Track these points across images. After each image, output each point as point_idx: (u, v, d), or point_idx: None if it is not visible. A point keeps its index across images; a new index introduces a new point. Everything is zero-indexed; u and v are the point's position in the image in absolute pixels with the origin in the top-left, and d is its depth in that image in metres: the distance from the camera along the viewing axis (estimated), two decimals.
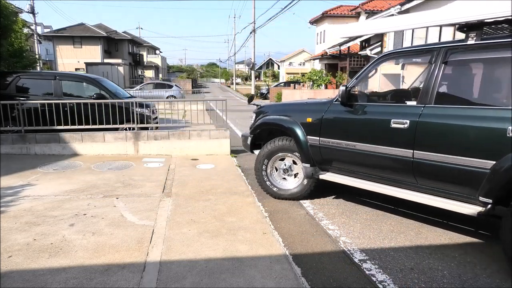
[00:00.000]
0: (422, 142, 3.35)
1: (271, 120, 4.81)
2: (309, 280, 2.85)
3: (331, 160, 4.25)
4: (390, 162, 3.62)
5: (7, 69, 11.06)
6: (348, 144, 3.96)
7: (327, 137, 4.16)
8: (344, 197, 4.93)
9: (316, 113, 4.31)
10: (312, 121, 4.31)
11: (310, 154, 4.34)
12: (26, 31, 17.34)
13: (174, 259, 3.02)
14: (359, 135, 3.87)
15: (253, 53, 36.40)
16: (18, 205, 4.19)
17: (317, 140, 4.25)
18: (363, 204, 4.66)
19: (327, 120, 4.18)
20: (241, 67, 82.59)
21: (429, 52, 3.55)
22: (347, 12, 28.47)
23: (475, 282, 2.87)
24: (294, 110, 4.72)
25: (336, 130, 4.11)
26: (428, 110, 3.38)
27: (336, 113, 4.13)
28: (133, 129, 7.27)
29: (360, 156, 3.88)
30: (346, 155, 4.01)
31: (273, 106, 5.28)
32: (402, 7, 16.60)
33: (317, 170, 4.39)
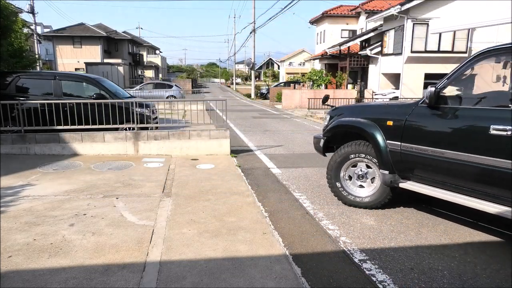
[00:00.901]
0: None
1: (347, 122, 4.53)
2: (309, 280, 2.85)
3: (414, 168, 3.89)
4: (486, 173, 3.23)
5: (7, 69, 11.06)
6: (435, 151, 3.58)
7: (410, 142, 3.81)
8: None
9: (398, 116, 3.97)
10: (393, 125, 3.98)
11: (389, 160, 4.01)
12: (26, 31, 17.33)
13: (174, 259, 3.02)
14: (449, 142, 3.48)
15: (253, 53, 36.42)
16: (18, 205, 4.18)
17: (398, 146, 3.90)
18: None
19: (411, 124, 3.82)
20: (241, 67, 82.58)
21: None
22: (347, 12, 28.47)
23: (475, 282, 2.87)
24: (373, 112, 4.41)
25: (421, 135, 3.74)
26: None
27: (422, 116, 3.76)
28: (133, 129, 7.27)
29: (449, 165, 3.49)
30: (432, 163, 3.64)
31: (349, 108, 5.06)
32: (402, 7, 16.60)
33: (397, 178, 4.04)
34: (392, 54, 18.64)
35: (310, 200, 4.80)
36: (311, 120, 15.33)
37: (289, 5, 58.96)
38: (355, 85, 23.82)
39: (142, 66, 46.83)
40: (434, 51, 17.21)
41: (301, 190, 5.22)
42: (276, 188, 5.36)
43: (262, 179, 5.85)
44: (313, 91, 20.64)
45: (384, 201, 4.33)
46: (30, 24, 23.85)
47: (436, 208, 4.45)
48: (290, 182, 5.66)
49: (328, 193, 5.08)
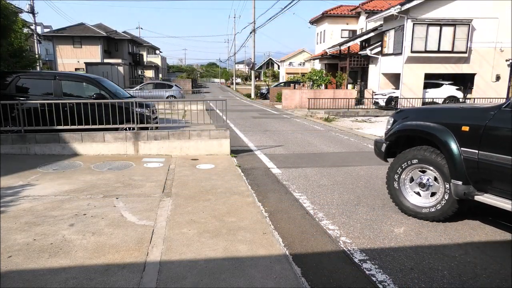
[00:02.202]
0: None
1: (414, 127, 4.19)
2: (309, 280, 2.85)
3: (493, 179, 3.52)
4: None
5: (7, 69, 11.06)
6: None
7: (490, 150, 3.45)
8: (344, 195, 4.93)
9: (476, 120, 3.62)
10: (470, 130, 3.62)
11: (463, 170, 3.65)
12: (26, 31, 17.33)
13: (174, 259, 3.02)
14: None
15: (253, 53, 36.41)
16: (18, 205, 4.18)
17: (475, 154, 3.55)
18: (362, 205, 4.66)
19: (492, 130, 3.46)
20: (241, 67, 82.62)
21: None
22: (347, 12, 28.47)
23: (475, 282, 2.87)
24: (444, 116, 4.06)
25: (505, 143, 3.35)
26: None
27: (506, 122, 3.39)
28: (133, 129, 7.27)
29: None
30: None
31: (416, 111, 4.76)
32: (402, 7, 16.60)
33: (472, 189, 3.67)
34: (392, 54, 18.64)
35: (310, 200, 4.80)
36: (311, 120, 15.33)
37: (289, 5, 59.08)
38: (355, 85, 23.82)
39: (142, 66, 46.82)
40: (434, 51, 17.20)
41: (301, 190, 5.22)
42: (276, 188, 5.36)
43: (262, 179, 5.85)
44: (313, 91, 20.64)
45: (448, 215, 3.95)
46: (30, 24, 23.85)
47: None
48: (290, 182, 5.66)
49: (328, 193, 5.08)
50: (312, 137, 10.39)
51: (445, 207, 3.90)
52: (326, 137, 10.44)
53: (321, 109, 18.26)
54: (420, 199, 4.19)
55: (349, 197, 4.91)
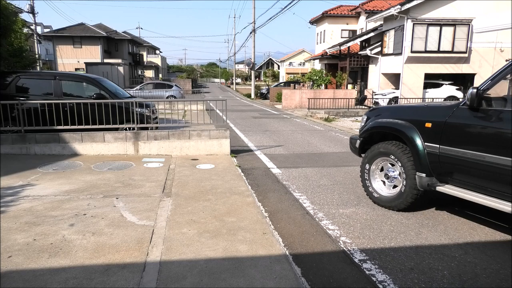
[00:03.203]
0: None
1: (384, 124, 4.52)
2: (309, 280, 2.85)
3: (453, 171, 3.80)
4: None
5: (7, 69, 11.06)
6: (475, 155, 3.48)
7: (449, 145, 3.73)
8: (344, 195, 4.93)
9: (437, 117, 3.91)
10: (432, 126, 3.92)
11: (427, 163, 3.95)
12: (26, 31, 17.33)
13: (174, 259, 3.02)
14: (491, 145, 3.38)
15: (253, 53, 36.40)
16: (18, 205, 4.18)
17: (437, 148, 3.84)
18: (362, 205, 4.66)
19: (451, 126, 3.73)
20: (241, 67, 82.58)
21: None
22: (347, 12, 28.47)
23: (475, 282, 2.87)
24: (411, 113, 4.35)
25: (462, 138, 3.63)
26: None
27: (462, 118, 3.66)
28: (133, 129, 7.27)
29: (490, 170, 3.38)
30: (473, 166, 3.54)
31: (387, 109, 5.08)
32: (402, 7, 16.59)
33: (434, 181, 3.95)
34: (392, 54, 18.64)
35: (310, 200, 4.80)
36: (311, 120, 15.33)
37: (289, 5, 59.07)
38: (355, 85, 23.81)
39: (142, 66, 46.82)
40: (434, 51, 17.20)
41: (301, 190, 5.22)
42: (276, 188, 5.36)
43: (262, 179, 5.85)
44: (313, 91, 20.64)
45: (407, 205, 4.23)
46: (30, 24, 23.86)
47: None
48: (290, 182, 5.66)
49: (328, 193, 5.08)
50: (312, 137, 10.39)
51: (403, 197, 4.23)
52: (326, 137, 10.44)
53: (321, 109, 18.25)
54: (385, 189, 4.56)
55: (349, 197, 4.91)
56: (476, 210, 4.32)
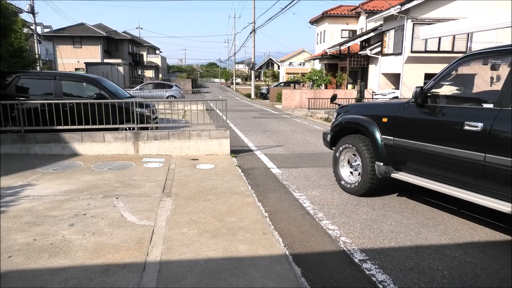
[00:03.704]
0: (494, 145, 3.25)
1: (350, 119, 5.03)
2: (309, 280, 2.85)
3: (405, 160, 4.28)
4: (461, 165, 3.56)
5: (7, 69, 11.06)
6: (421, 145, 3.96)
7: (401, 137, 4.23)
8: (344, 195, 4.93)
9: (391, 113, 4.42)
10: (387, 121, 4.41)
11: (384, 153, 4.45)
12: (26, 31, 17.33)
13: (174, 259, 3.02)
14: (432, 136, 3.87)
15: (253, 53, 36.40)
16: (18, 205, 4.18)
17: (391, 140, 4.34)
18: (362, 205, 4.66)
19: (402, 120, 4.25)
20: (241, 67, 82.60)
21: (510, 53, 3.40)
22: (347, 12, 28.47)
23: (475, 282, 2.87)
24: (372, 110, 4.89)
25: (410, 130, 4.15)
26: (505, 114, 3.23)
27: (410, 113, 4.18)
28: (133, 129, 7.27)
29: (432, 158, 3.85)
30: (419, 155, 4.02)
31: (354, 106, 5.60)
32: (402, 7, 16.59)
33: (390, 169, 4.46)
34: (392, 54, 18.64)
35: (310, 200, 4.80)
36: (311, 120, 15.33)
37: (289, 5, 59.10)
38: (355, 85, 23.81)
39: (142, 66, 46.83)
40: (434, 51, 17.20)
41: (301, 190, 5.22)
42: (276, 188, 5.36)
43: (262, 179, 5.85)
44: (313, 91, 20.64)
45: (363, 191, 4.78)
46: (30, 24, 23.85)
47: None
48: (290, 182, 5.66)
49: (328, 193, 5.08)
50: (312, 137, 10.39)
51: (362, 184, 4.76)
52: None
53: (321, 109, 18.26)
54: (349, 177, 5.12)
55: (349, 197, 4.91)
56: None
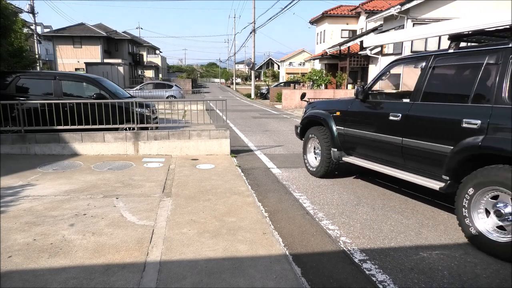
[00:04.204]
0: (408, 131, 4.20)
1: (313, 114, 5.98)
2: (309, 280, 2.85)
3: (352, 146, 5.20)
4: (387, 147, 4.51)
5: (7, 69, 11.05)
6: (361, 133, 4.91)
7: (349, 127, 5.18)
8: (344, 195, 4.94)
9: (343, 107, 5.36)
10: (340, 114, 5.36)
11: (338, 141, 5.38)
12: (26, 31, 17.33)
13: (174, 259, 3.02)
14: (369, 126, 4.81)
15: (253, 53, 36.40)
16: (18, 205, 4.18)
17: (343, 130, 5.28)
18: (362, 205, 4.66)
19: (349, 113, 5.19)
20: (241, 67, 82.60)
21: (423, 59, 4.29)
22: (347, 12, 28.47)
23: (475, 282, 2.87)
24: (330, 105, 5.82)
25: (355, 121, 5.10)
26: (415, 106, 4.18)
27: (355, 108, 5.12)
28: (133, 129, 7.27)
29: (370, 143, 4.81)
30: (361, 141, 4.98)
31: (319, 102, 6.42)
32: (402, 7, 16.59)
33: (343, 154, 5.37)
34: (392, 54, 18.64)
35: (310, 200, 4.80)
36: None
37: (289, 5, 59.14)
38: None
39: (142, 66, 46.83)
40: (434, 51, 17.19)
41: (301, 190, 5.22)
42: (276, 188, 5.36)
43: (262, 179, 5.85)
44: (313, 91, 20.62)
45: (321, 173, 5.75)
46: (30, 24, 23.85)
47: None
48: (290, 182, 5.66)
49: (328, 193, 5.08)
50: None
51: (322, 167, 5.71)
52: None
53: None
54: (313, 162, 6.03)
55: (349, 197, 4.91)
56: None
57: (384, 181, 5.59)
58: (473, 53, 3.78)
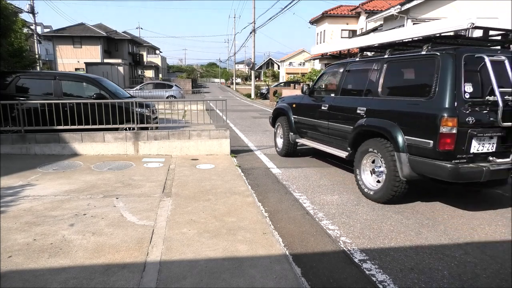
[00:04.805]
0: (331, 117, 5.80)
1: (279, 106, 7.62)
2: (309, 280, 2.85)
3: (303, 130, 6.79)
4: (321, 130, 6.11)
5: (7, 69, 11.05)
6: (306, 120, 6.57)
7: (300, 115, 6.78)
8: (344, 195, 4.94)
9: (297, 101, 7.00)
10: (295, 106, 6.98)
11: (294, 126, 6.97)
12: (26, 31, 17.33)
13: (174, 259, 3.02)
14: (311, 114, 6.38)
15: (253, 53, 36.40)
16: (18, 205, 4.18)
17: (297, 118, 6.89)
18: (362, 205, 4.66)
19: (301, 105, 6.81)
20: (241, 67, 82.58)
21: (342, 64, 6.02)
22: (347, 12, 28.47)
23: (475, 282, 2.87)
24: (291, 99, 7.42)
25: (303, 111, 6.69)
26: (336, 99, 5.84)
27: (304, 101, 6.72)
28: (133, 129, 7.27)
29: (312, 127, 6.40)
30: (307, 126, 6.59)
31: (285, 97, 8.05)
32: (402, 7, 16.58)
33: (297, 137, 6.98)
34: None
35: (310, 200, 4.80)
36: None
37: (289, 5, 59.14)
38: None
39: (142, 66, 46.82)
40: None
41: (301, 190, 5.22)
42: (276, 188, 5.36)
43: (262, 179, 5.85)
44: None
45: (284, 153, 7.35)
46: (30, 24, 23.85)
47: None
48: (290, 182, 5.66)
49: (328, 193, 5.08)
50: None
51: (283, 148, 7.33)
52: None
53: None
54: (280, 144, 7.55)
55: (349, 197, 4.92)
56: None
57: None
58: (367, 61, 5.37)
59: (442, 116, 3.81)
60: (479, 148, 3.97)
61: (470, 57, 3.99)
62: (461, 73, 3.90)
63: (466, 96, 3.87)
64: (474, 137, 3.88)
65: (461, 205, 4.59)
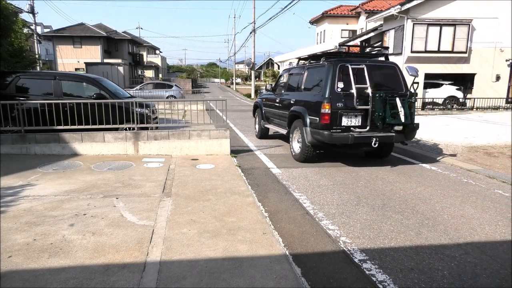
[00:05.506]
0: (281, 106, 8.10)
1: (256, 101, 10.14)
2: (309, 280, 2.85)
3: (270, 118, 9.02)
4: (276, 116, 8.41)
5: (7, 69, 11.05)
6: (270, 110, 8.90)
7: (267, 107, 9.15)
8: (344, 195, 4.94)
9: (267, 96, 9.33)
10: (265, 100, 9.38)
11: (264, 115, 9.33)
12: (26, 31, 17.33)
13: (174, 259, 3.02)
14: (274, 105, 8.56)
15: (253, 53, 36.39)
16: (18, 205, 4.18)
17: (265, 109, 9.23)
18: (362, 205, 4.66)
19: (268, 99, 9.12)
20: (241, 67, 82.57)
21: (289, 69, 8.52)
22: (347, 12, 28.48)
23: (475, 282, 2.87)
24: (264, 95, 9.72)
25: (269, 104, 9.01)
26: (284, 95, 8.04)
27: (270, 96, 9.01)
28: (133, 129, 7.27)
29: (274, 115, 8.59)
30: (271, 115, 8.87)
31: (262, 94, 10.22)
32: (402, 7, 16.60)
33: (266, 123, 9.29)
34: (392, 54, 18.52)
35: (310, 200, 4.80)
36: None
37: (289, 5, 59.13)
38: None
39: (142, 66, 46.81)
40: (434, 51, 17.21)
41: (301, 190, 5.22)
42: (276, 188, 5.36)
43: (262, 179, 5.85)
44: None
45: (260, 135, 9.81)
46: (30, 24, 23.86)
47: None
48: (290, 182, 5.66)
49: (328, 193, 5.08)
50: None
51: (259, 132, 9.86)
52: None
53: None
54: (257, 130, 10.06)
55: (349, 197, 4.92)
56: None
57: (384, 182, 5.59)
58: (300, 67, 7.84)
59: (322, 102, 6.15)
60: (348, 123, 6.18)
61: (342, 65, 6.24)
62: (336, 75, 6.20)
63: (338, 90, 6.17)
64: (343, 115, 6.13)
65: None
